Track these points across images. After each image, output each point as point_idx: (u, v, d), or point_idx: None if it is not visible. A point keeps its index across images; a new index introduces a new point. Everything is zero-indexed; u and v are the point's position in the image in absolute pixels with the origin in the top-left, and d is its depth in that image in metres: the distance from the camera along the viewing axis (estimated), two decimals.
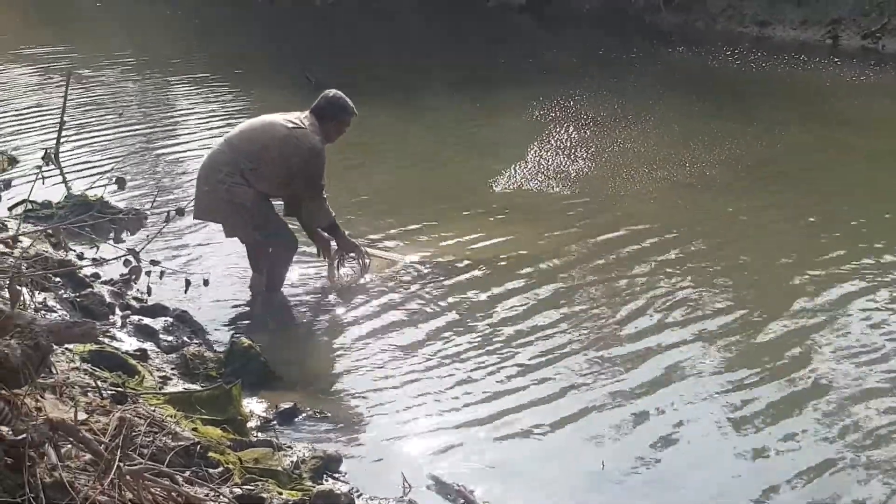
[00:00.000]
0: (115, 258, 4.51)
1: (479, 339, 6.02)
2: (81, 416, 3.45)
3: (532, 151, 10.36)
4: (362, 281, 6.92)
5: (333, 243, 6.94)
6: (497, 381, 5.49)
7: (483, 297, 6.65)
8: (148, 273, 4.50)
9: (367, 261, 7.05)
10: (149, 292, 5.35)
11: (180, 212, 4.82)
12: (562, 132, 11.18)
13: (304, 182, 6.56)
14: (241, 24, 21.86)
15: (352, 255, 7.03)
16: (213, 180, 6.42)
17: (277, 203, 6.84)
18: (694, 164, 9.87)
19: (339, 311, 6.52)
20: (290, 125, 6.50)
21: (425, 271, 7.05)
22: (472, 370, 5.61)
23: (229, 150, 6.49)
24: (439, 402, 5.26)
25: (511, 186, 9.25)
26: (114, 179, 4.76)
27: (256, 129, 6.58)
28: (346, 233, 6.98)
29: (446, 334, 6.08)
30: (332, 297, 6.73)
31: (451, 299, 6.60)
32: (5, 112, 12.66)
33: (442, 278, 6.93)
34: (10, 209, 7.63)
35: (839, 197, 9.13)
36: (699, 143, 10.62)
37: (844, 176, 9.95)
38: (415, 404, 5.24)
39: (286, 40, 18.86)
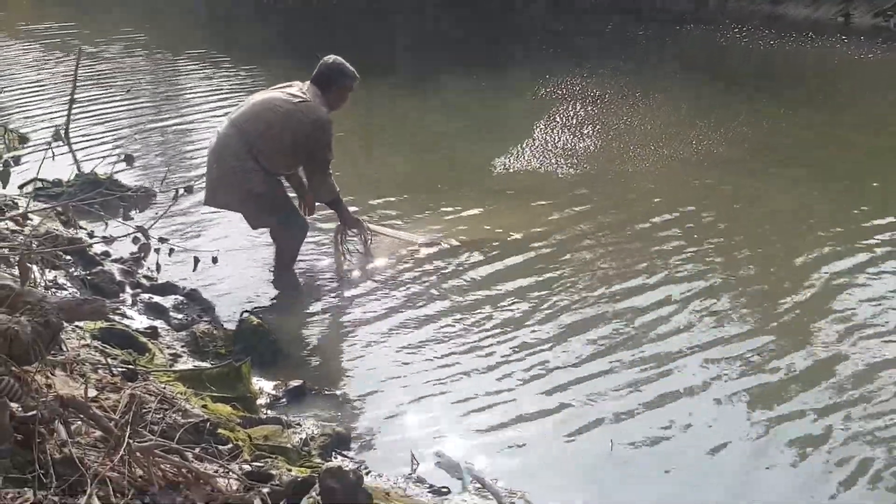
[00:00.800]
0: (124, 235, 4.51)
1: (488, 318, 6.02)
2: (92, 392, 3.47)
3: (538, 130, 10.38)
4: (371, 263, 6.88)
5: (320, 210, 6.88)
6: (505, 360, 5.49)
7: (492, 276, 6.65)
8: (157, 250, 4.51)
9: (370, 237, 6.98)
10: (158, 269, 5.36)
11: (189, 189, 4.82)
12: (568, 110, 11.18)
13: (310, 156, 6.45)
14: (243, 21, 21.81)
15: (354, 230, 6.95)
16: (225, 167, 6.33)
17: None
18: (701, 143, 9.87)
19: (350, 290, 6.52)
20: (295, 99, 6.37)
21: (434, 252, 7.04)
22: (480, 349, 5.61)
23: (236, 133, 6.35)
24: (448, 380, 5.27)
25: (518, 166, 9.25)
26: (122, 156, 4.77)
27: (260, 106, 6.43)
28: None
29: (455, 314, 6.08)
30: (342, 277, 6.72)
31: (460, 279, 6.61)
32: (15, 89, 12.67)
33: (451, 258, 6.93)
34: (20, 187, 7.64)
35: (845, 175, 9.10)
36: (706, 122, 10.61)
37: (850, 155, 9.92)
38: (423, 383, 5.24)
39: (287, 40, 18.76)
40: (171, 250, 5.03)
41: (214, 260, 6.05)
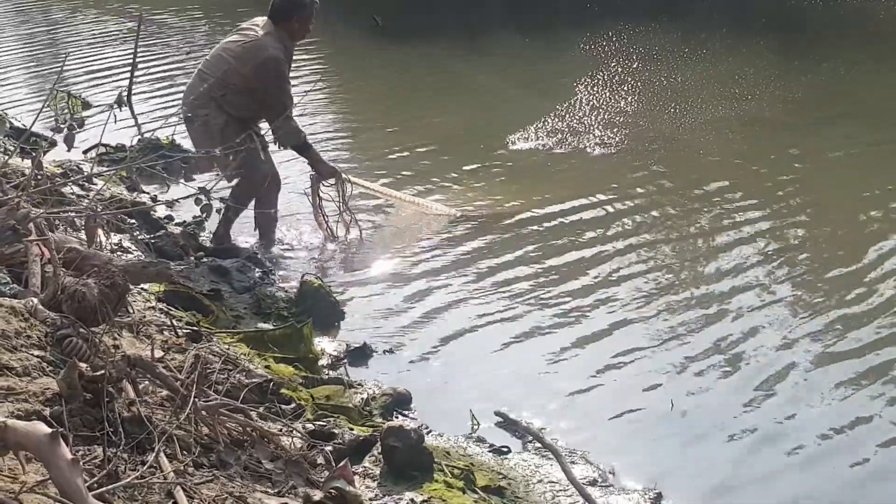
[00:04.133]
0: (187, 196, 4.57)
1: (545, 280, 6.01)
2: (158, 353, 3.52)
3: (582, 89, 10.23)
4: (351, 217, 6.63)
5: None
6: (564, 321, 5.49)
7: (543, 240, 6.62)
8: (218, 211, 4.57)
9: (349, 189, 6.63)
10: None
11: (251, 151, 4.85)
12: (610, 68, 10.99)
13: (262, 98, 6.15)
14: None
15: (330, 181, 6.59)
16: (194, 117, 6.06)
17: None
18: (750, 102, 9.64)
19: (405, 253, 6.52)
20: (246, 39, 6.17)
21: (480, 216, 6.99)
22: (538, 310, 5.61)
23: (199, 83, 6.16)
24: (507, 341, 5.28)
25: (561, 126, 9.09)
26: (183, 119, 4.81)
27: (217, 53, 6.27)
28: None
29: (511, 276, 6.08)
30: (397, 239, 6.72)
31: (514, 242, 6.59)
32: (79, 56, 12.82)
33: (507, 223, 6.90)
34: (84, 152, 7.75)
35: None
36: (754, 80, 10.36)
37: None
38: (482, 344, 5.26)
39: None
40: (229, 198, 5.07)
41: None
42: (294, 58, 6.63)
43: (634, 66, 11.13)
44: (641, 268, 6.15)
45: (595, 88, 10.28)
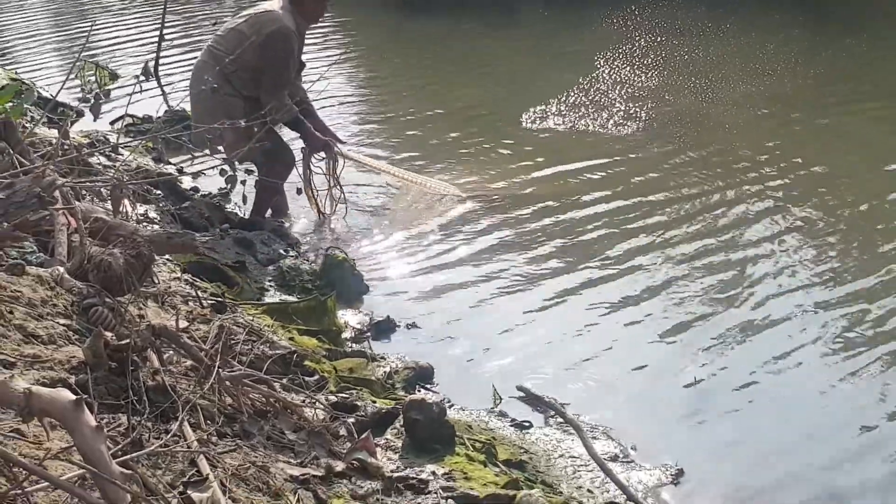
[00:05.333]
0: (212, 167, 4.58)
1: (569, 256, 6.01)
2: (182, 323, 3.53)
3: (603, 62, 10.15)
4: (339, 191, 6.58)
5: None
6: (587, 296, 5.49)
7: (564, 215, 6.61)
8: (243, 182, 4.56)
9: (341, 163, 6.57)
10: (244, 201, 5.42)
11: (275, 122, 4.84)
12: (634, 43, 10.90)
13: (266, 69, 6.03)
14: None
15: (321, 154, 6.51)
16: (205, 93, 5.92)
17: None
18: (772, 77, 9.56)
19: (428, 228, 6.52)
20: (260, 10, 6.10)
21: (494, 193, 6.98)
22: (561, 287, 5.61)
23: (210, 58, 6.07)
24: (530, 316, 5.28)
25: (580, 101, 9.03)
26: (210, 90, 4.81)
27: (230, 28, 6.19)
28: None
29: (532, 250, 6.09)
30: (419, 215, 6.71)
31: (531, 218, 6.58)
32: (105, 25, 12.85)
33: (527, 200, 6.88)
34: (111, 123, 7.78)
35: None
36: (776, 55, 10.25)
37: None
38: (505, 319, 5.26)
39: None
40: (257, 182, 5.07)
41: (298, 191, 6.11)
42: (316, 28, 6.56)
43: (658, 40, 11.05)
44: (664, 242, 6.14)
45: (617, 63, 10.22)
